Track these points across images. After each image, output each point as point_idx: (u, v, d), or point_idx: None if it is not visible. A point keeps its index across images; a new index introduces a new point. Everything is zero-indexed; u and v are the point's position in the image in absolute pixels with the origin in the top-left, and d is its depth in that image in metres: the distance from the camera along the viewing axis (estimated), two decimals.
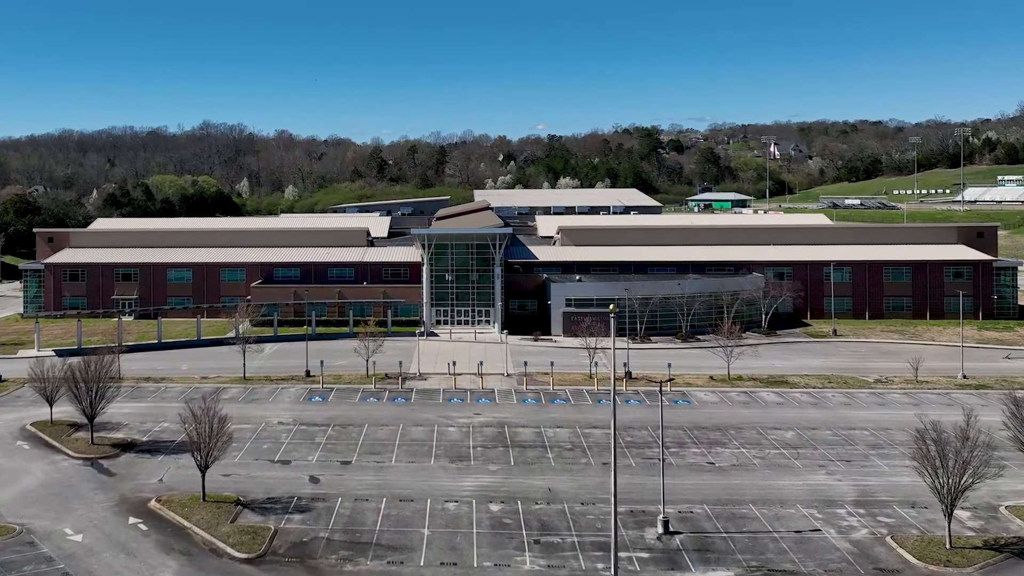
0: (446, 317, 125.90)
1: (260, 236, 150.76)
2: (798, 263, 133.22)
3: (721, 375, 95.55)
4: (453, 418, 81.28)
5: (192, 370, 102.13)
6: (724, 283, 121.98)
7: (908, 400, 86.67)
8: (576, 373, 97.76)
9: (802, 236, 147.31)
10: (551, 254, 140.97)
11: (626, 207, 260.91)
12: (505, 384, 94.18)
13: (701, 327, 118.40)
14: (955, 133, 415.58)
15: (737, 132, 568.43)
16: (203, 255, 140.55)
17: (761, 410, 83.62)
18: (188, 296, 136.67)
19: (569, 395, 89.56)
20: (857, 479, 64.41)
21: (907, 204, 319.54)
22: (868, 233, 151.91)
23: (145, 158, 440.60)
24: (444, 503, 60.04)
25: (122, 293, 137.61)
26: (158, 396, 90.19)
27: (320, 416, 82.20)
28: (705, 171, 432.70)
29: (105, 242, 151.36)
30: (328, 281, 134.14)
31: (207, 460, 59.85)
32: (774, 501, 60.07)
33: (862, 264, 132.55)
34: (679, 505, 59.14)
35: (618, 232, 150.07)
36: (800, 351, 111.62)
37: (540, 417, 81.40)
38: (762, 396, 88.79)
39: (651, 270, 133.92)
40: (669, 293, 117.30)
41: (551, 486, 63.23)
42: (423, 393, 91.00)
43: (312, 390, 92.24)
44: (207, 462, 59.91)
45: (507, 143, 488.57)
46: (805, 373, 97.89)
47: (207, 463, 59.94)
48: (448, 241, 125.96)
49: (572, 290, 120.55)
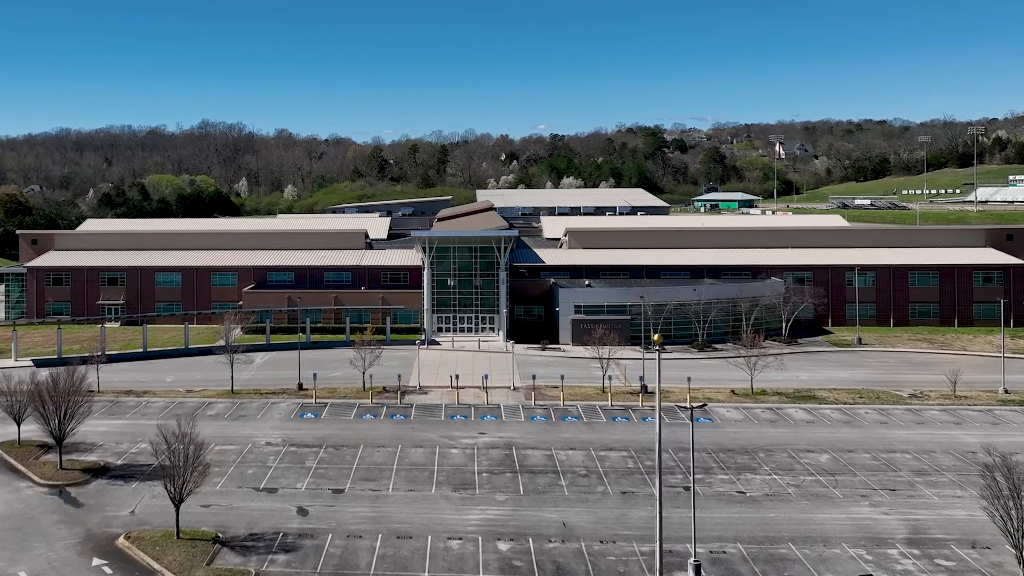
0: (448, 324, 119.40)
1: (254, 238, 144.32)
2: (818, 267, 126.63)
3: (743, 389, 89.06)
4: (456, 438, 74.82)
5: (177, 382, 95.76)
6: (743, 288, 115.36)
7: (948, 418, 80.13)
8: (588, 387, 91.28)
9: (820, 239, 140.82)
10: (558, 257, 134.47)
11: (632, 207, 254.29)
12: (512, 399, 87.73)
13: (718, 335, 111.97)
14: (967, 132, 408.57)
15: (741, 131, 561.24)
16: (193, 258, 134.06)
17: (790, 429, 77.07)
18: (177, 301, 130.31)
19: (581, 412, 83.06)
20: (906, 512, 57.91)
21: (918, 204, 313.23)
22: (890, 236, 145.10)
23: (143, 157, 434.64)
24: (447, 540, 53.60)
25: (108, 298, 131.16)
26: (138, 412, 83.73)
27: (312, 436, 75.76)
28: (710, 171, 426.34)
29: (92, 244, 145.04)
30: (324, 286, 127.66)
31: (181, 493, 53.41)
32: (816, 539, 53.59)
33: (886, 268, 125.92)
34: (710, 544, 52.66)
35: (628, 234, 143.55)
36: (824, 362, 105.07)
37: (550, 437, 74.92)
38: (790, 413, 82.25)
39: (663, 274, 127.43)
40: (684, 299, 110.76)
41: (565, 520, 56.79)
42: (424, 409, 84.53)
43: (304, 405, 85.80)
44: (182, 495, 53.45)
45: (509, 142, 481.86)
46: (833, 387, 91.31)
47: (181, 496, 53.48)
48: (450, 244, 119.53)
49: (581, 296, 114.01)
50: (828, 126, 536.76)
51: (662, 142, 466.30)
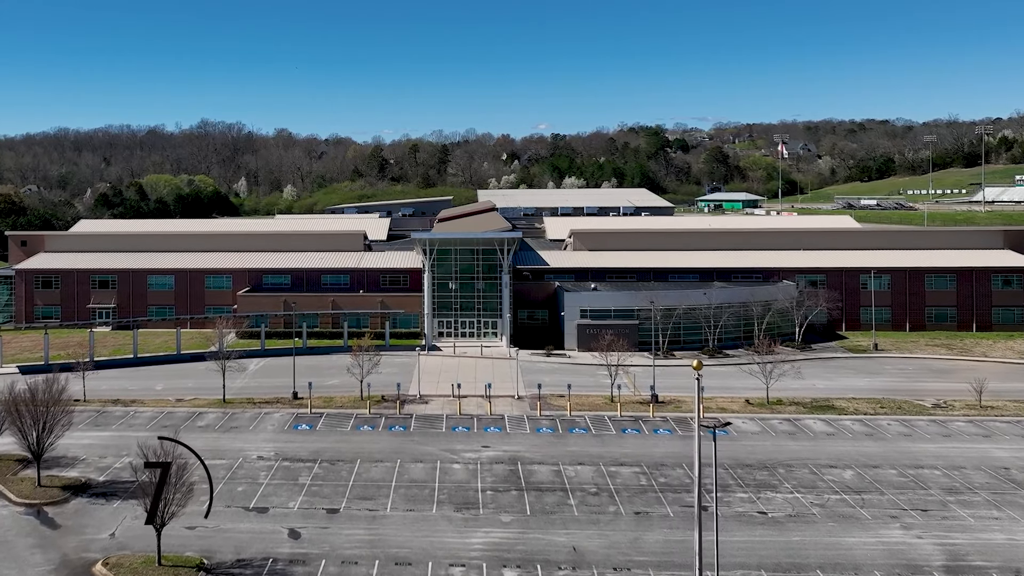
0: (449, 329, 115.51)
1: (249, 240, 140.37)
2: (832, 270, 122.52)
3: (758, 398, 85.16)
4: (458, 452, 70.96)
5: (167, 391, 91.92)
6: (755, 292, 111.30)
7: (976, 430, 76.19)
8: (595, 396, 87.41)
9: (831, 240, 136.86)
10: (563, 260, 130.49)
11: (636, 208, 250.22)
12: (516, 409, 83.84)
13: (729, 341, 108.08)
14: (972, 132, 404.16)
15: (742, 131, 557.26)
16: (187, 260, 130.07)
17: (810, 443, 73.16)
18: (170, 304, 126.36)
19: (589, 423, 79.17)
20: (940, 535, 54.02)
21: (924, 205, 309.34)
22: (904, 237, 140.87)
23: (141, 157, 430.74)
24: (448, 567, 49.79)
25: (99, 302, 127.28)
26: (125, 423, 79.86)
27: (306, 449, 71.93)
28: (713, 170, 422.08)
29: (84, 246, 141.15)
30: (321, 289, 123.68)
31: (163, 517, 49.59)
32: (846, 566, 49.74)
33: (901, 271, 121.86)
34: (732, 572, 48.85)
35: (634, 236, 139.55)
36: (841, 368, 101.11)
37: (558, 451, 71.06)
38: (808, 425, 78.32)
39: (671, 277, 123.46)
40: (695, 303, 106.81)
41: (576, 543, 52.96)
42: (424, 420, 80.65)
43: (299, 416, 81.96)
44: (163, 519, 49.65)
45: (510, 142, 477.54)
46: (852, 396, 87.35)
47: (163, 520, 49.68)
48: (452, 246, 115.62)
49: (587, 300, 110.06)
50: (831, 126, 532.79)
51: (664, 142, 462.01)
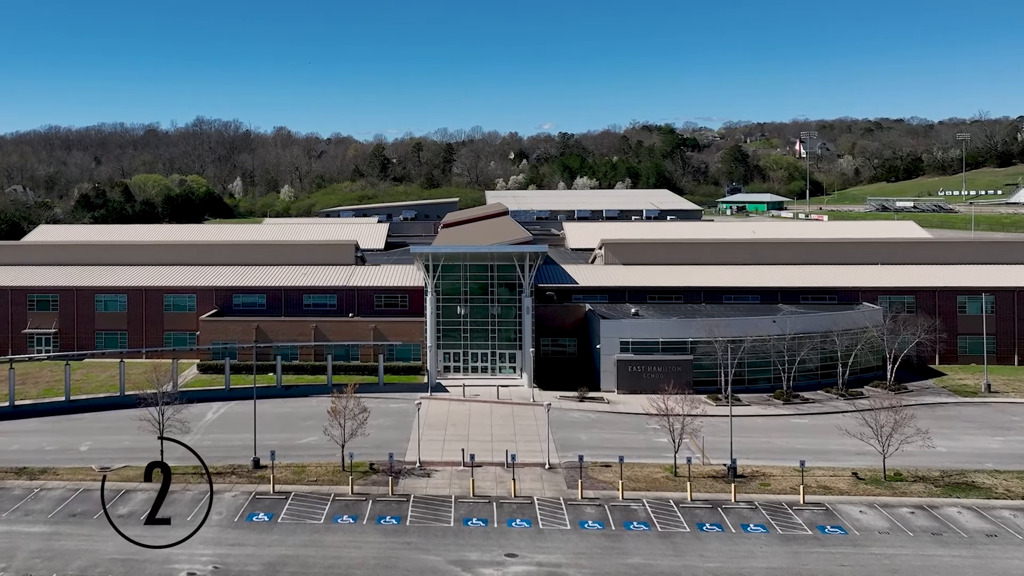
0: (457, 363, 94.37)
1: (220, 251, 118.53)
2: (922, 289, 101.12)
3: (869, 470, 64.07)
4: (472, 565, 50.00)
5: (94, 452, 71.21)
6: (836, 319, 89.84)
7: None
8: (652, 466, 66.17)
9: (906, 252, 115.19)
10: (593, 276, 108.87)
11: (661, 211, 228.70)
12: (549, 487, 62.71)
13: (803, 380, 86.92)
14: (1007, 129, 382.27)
15: (754, 130, 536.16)
16: (143, 276, 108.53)
17: (968, 551, 51.88)
18: (123, 330, 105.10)
19: (650, 512, 57.96)
20: None
21: (960, 207, 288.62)
22: (1002, 249, 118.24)
23: (133, 156, 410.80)
24: None
25: (37, 326, 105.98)
26: (21, 510, 59.01)
27: (259, 558, 51.14)
28: (732, 170, 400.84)
29: (32, 258, 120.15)
30: (302, 312, 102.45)
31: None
32: None
33: (1008, 291, 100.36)
34: None
35: (676, 247, 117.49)
36: (955, 420, 79.46)
37: (613, 565, 49.99)
38: (952, 517, 56.99)
39: (725, 298, 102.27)
40: (764, 332, 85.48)
41: None
42: (425, 505, 59.57)
43: (257, 497, 61.02)
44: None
45: (518, 141, 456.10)
46: (992, 468, 65.91)
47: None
48: (460, 261, 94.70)
49: (629, 329, 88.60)
50: (847, 124, 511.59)
51: (680, 140, 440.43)
